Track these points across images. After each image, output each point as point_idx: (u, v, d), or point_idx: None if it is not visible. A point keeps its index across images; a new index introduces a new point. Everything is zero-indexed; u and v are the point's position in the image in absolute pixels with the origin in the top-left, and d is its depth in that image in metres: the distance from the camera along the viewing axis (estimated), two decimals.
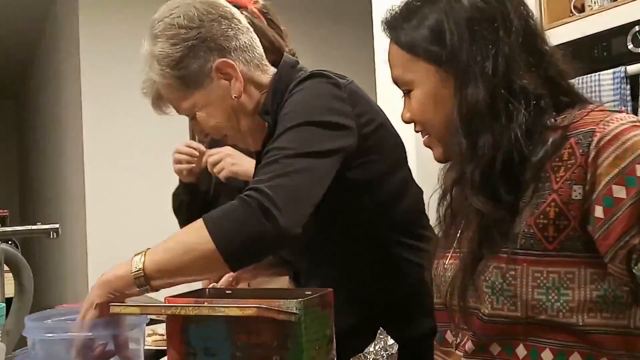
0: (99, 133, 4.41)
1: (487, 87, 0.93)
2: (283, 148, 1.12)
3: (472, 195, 0.93)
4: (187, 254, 1.04)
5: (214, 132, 1.35)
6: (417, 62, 0.99)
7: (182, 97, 1.30)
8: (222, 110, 1.31)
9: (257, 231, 1.02)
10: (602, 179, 0.86)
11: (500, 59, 0.94)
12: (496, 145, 0.92)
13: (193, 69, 1.27)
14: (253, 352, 0.91)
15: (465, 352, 0.98)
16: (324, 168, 1.14)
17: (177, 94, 1.30)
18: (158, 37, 1.27)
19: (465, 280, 0.95)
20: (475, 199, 0.92)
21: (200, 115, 1.31)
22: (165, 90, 1.31)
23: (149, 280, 1.04)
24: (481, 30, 0.95)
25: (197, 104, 1.30)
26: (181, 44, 1.25)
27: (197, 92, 1.29)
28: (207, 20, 1.26)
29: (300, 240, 1.37)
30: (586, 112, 0.93)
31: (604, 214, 0.86)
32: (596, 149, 0.86)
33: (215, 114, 1.31)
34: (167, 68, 1.27)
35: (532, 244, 0.90)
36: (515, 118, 0.92)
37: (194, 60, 1.26)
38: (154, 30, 1.28)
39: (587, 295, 0.88)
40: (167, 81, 1.28)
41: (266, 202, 1.02)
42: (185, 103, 1.31)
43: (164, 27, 1.27)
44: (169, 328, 0.98)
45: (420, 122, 1.04)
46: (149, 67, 1.30)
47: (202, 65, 1.27)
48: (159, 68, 1.27)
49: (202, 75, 1.28)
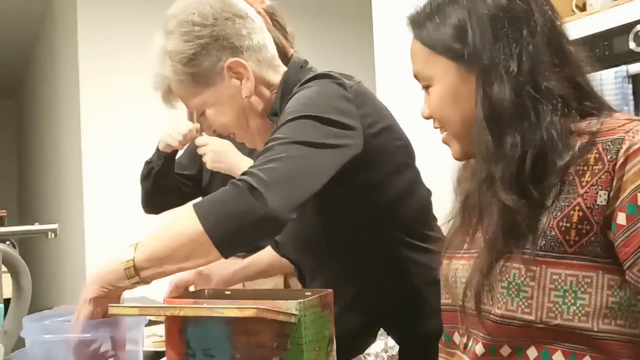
0: (97, 133, 4.42)
1: (513, 86, 0.93)
2: (279, 137, 1.10)
3: (503, 193, 0.92)
4: (175, 240, 1.01)
5: (222, 129, 1.36)
6: (438, 58, 1.00)
7: (193, 94, 1.31)
8: (231, 109, 1.31)
9: (243, 209, 0.98)
10: (628, 186, 0.86)
11: (525, 59, 0.94)
12: (526, 144, 0.92)
13: (205, 66, 1.27)
14: (253, 353, 0.90)
15: (475, 355, 0.97)
16: (321, 159, 1.11)
17: (187, 91, 1.31)
18: (171, 33, 1.27)
19: (482, 280, 0.95)
20: (506, 196, 0.92)
21: (210, 112, 1.32)
22: (176, 86, 1.31)
23: (139, 271, 1.01)
24: (505, 29, 0.95)
25: (207, 101, 1.31)
26: (194, 42, 1.26)
27: (208, 89, 1.29)
28: (221, 18, 1.27)
29: (305, 239, 1.36)
30: (614, 119, 0.93)
31: (626, 221, 0.86)
32: (624, 157, 0.87)
33: (225, 113, 1.32)
34: (179, 64, 1.27)
35: (552, 246, 0.90)
36: (544, 118, 0.92)
37: (206, 58, 1.26)
38: (167, 26, 1.28)
39: (603, 300, 0.88)
40: (178, 77, 1.28)
41: (254, 182, 1.00)
42: (195, 100, 1.31)
43: (178, 23, 1.27)
44: (168, 329, 0.97)
45: (439, 118, 1.04)
46: (161, 63, 1.30)
47: (214, 64, 1.27)
48: (171, 64, 1.27)
49: (214, 74, 1.28)
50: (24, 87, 7.89)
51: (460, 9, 0.98)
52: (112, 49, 4.47)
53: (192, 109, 1.36)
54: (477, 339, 0.98)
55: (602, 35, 2.06)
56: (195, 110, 1.35)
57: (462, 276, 1.01)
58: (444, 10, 1.00)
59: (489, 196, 0.95)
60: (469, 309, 0.98)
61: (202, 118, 1.36)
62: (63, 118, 5.25)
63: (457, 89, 0.99)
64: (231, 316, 0.88)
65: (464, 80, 0.98)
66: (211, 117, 1.33)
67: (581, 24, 2.10)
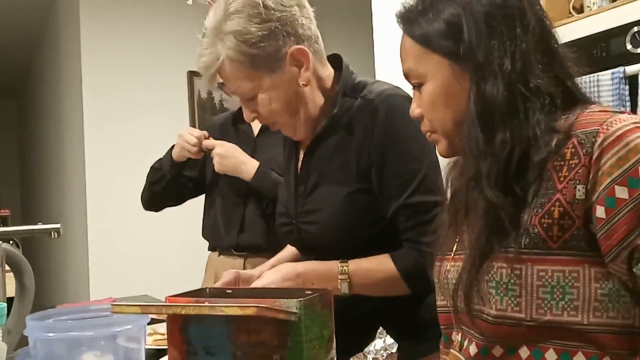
0: (100, 132, 4.42)
1: (506, 84, 0.93)
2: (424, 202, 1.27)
3: (489, 190, 0.92)
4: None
5: (269, 116, 1.35)
6: (431, 55, 0.99)
7: (247, 77, 1.29)
8: (285, 96, 1.31)
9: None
10: (604, 179, 0.86)
11: (518, 57, 0.94)
12: (515, 141, 0.92)
13: (268, 51, 1.26)
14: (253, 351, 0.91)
15: (469, 354, 0.98)
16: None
17: (243, 73, 1.29)
18: (238, 13, 1.26)
19: (470, 279, 0.95)
20: (492, 192, 0.92)
21: (262, 97, 1.31)
22: (232, 66, 1.28)
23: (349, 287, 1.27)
24: (499, 26, 0.95)
25: (262, 86, 1.30)
26: (263, 24, 1.25)
27: (266, 75, 1.28)
28: (287, 4, 1.27)
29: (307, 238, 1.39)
30: (589, 112, 0.93)
31: (605, 214, 0.86)
32: (599, 149, 0.86)
33: (279, 99, 1.31)
34: (244, 45, 1.25)
35: (536, 243, 0.90)
36: (532, 115, 0.92)
37: (272, 42, 1.26)
38: (231, 6, 1.27)
39: (591, 293, 0.88)
40: (239, 58, 1.27)
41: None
42: (248, 83, 1.30)
43: (246, 3, 1.25)
44: (170, 327, 0.98)
45: (430, 117, 1.03)
46: (220, 41, 1.27)
47: (278, 49, 1.27)
48: (235, 43, 1.25)
49: (276, 59, 1.28)
50: (26, 86, 7.88)
51: (455, 5, 0.96)
52: (115, 48, 4.47)
53: (239, 92, 1.34)
54: (471, 338, 0.99)
55: (599, 37, 2.07)
56: (243, 94, 1.33)
57: (452, 277, 1.02)
58: (437, 7, 0.98)
59: (475, 194, 0.95)
60: (461, 309, 0.99)
61: (249, 102, 1.34)
62: (66, 117, 5.25)
63: (450, 87, 0.98)
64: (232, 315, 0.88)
65: (457, 78, 0.97)
66: (262, 102, 1.31)
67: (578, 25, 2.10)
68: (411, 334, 1.28)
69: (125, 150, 4.37)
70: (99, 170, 4.39)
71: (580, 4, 2.32)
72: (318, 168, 1.36)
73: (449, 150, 1.04)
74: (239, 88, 1.32)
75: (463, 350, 1.01)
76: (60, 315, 1.13)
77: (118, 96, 4.44)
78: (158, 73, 4.51)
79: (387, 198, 1.28)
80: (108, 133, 4.42)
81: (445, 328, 1.08)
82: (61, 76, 5.40)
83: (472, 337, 0.98)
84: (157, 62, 4.52)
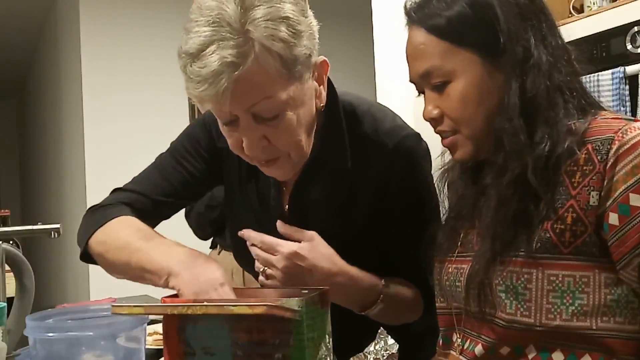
0: (100, 133, 4.42)
1: (544, 80, 0.92)
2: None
3: (534, 180, 0.90)
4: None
5: (290, 142, 1.04)
6: (458, 51, 0.94)
7: (281, 83, 0.99)
8: (310, 115, 1.07)
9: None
10: (619, 186, 0.86)
11: (547, 52, 0.93)
12: (554, 137, 0.90)
13: (300, 52, 0.99)
14: (254, 350, 0.91)
15: (473, 356, 0.98)
16: None
17: (278, 74, 0.98)
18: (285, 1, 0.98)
19: (480, 284, 0.94)
20: (537, 183, 0.90)
21: (291, 116, 1.01)
22: (265, 63, 0.96)
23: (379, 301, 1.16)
24: (531, 21, 0.94)
25: (294, 99, 1.01)
26: (303, 17, 1.00)
27: (298, 82, 1.01)
28: (307, 9, 1.05)
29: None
30: (602, 119, 0.92)
31: (619, 222, 0.86)
32: (615, 157, 0.86)
33: (306, 117, 1.05)
34: (287, 34, 0.97)
35: (547, 248, 0.89)
36: (559, 111, 0.92)
37: (305, 42, 1.00)
38: None
39: (601, 299, 0.88)
40: (279, 51, 0.96)
41: None
42: (281, 93, 0.99)
43: None
44: (166, 328, 0.96)
45: (458, 117, 0.96)
46: (253, 27, 0.94)
47: (307, 54, 1.01)
48: (273, 31, 0.95)
49: (305, 66, 1.01)
50: (26, 86, 7.89)
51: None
52: (115, 48, 4.48)
53: (259, 109, 0.99)
54: (477, 340, 0.98)
55: (599, 37, 2.06)
56: (269, 109, 0.99)
57: (455, 280, 1.01)
58: (465, 1, 0.94)
59: (505, 190, 0.92)
60: (474, 313, 0.97)
61: (258, 126, 1.00)
62: (66, 117, 5.25)
63: (482, 82, 0.94)
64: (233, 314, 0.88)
65: (489, 73, 0.94)
66: (289, 124, 1.01)
67: (578, 25, 2.10)
68: (412, 334, 1.28)
69: (125, 151, 4.36)
70: (99, 171, 4.38)
71: (580, 4, 2.32)
72: (310, 211, 1.20)
73: (473, 152, 0.98)
74: (265, 101, 0.98)
75: (464, 353, 1.00)
76: (60, 315, 1.13)
77: (118, 96, 4.44)
78: (158, 73, 4.51)
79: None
80: (108, 133, 4.42)
81: (445, 330, 1.08)
82: (61, 76, 5.41)
83: (477, 339, 0.98)
84: (157, 62, 4.51)
